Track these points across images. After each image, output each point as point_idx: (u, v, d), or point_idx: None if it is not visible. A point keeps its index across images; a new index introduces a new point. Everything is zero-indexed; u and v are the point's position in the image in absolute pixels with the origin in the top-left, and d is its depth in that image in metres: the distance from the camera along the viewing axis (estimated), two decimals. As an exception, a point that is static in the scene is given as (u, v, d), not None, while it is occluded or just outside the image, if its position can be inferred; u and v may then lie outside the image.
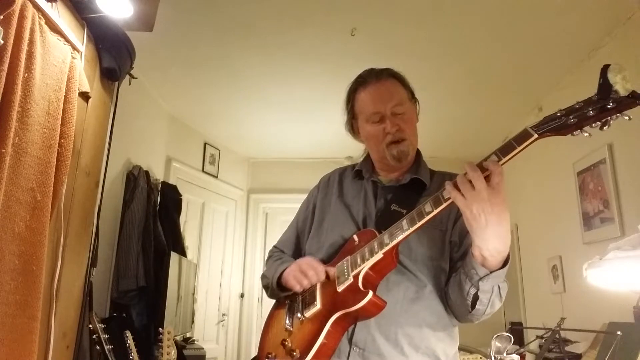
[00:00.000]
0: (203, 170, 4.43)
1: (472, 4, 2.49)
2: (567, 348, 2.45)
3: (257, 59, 3.09)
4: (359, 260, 1.14)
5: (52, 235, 1.56)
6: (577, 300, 2.92)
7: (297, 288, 1.23)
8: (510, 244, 1.01)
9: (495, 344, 1.37)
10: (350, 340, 1.16)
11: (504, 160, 0.96)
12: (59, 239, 1.61)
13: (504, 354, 1.36)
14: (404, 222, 1.09)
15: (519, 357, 1.38)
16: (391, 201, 1.28)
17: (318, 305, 1.17)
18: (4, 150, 1.24)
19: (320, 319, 1.15)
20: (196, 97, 3.71)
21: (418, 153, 1.38)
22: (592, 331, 2.24)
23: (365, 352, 1.15)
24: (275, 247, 1.53)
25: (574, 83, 3.06)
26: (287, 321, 1.25)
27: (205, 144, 4.48)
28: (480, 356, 2.31)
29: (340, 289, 1.15)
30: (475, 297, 1.07)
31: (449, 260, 1.23)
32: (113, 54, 1.90)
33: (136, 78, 2.30)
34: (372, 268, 1.13)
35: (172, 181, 3.83)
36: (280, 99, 3.67)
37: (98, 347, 1.86)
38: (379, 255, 1.11)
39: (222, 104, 3.81)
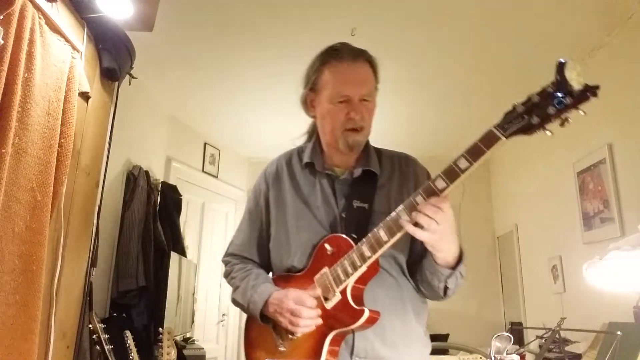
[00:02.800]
0: (203, 170, 4.42)
1: (472, 4, 2.49)
2: (567, 348, 2.45)
3: (257, 59, 3.09)
4: (341, 274, 1.11)
5: (52, 235, 1.56)
6: (577, 300, 2.92)
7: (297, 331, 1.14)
8: (459, 241, 1.09)
9: (495, 344, 1.38)
10: (351, 354, 1.15)
11: (475, 164, 1.00)
12: (59, 239, 1.61)
13: (504, 354, 1.37)
14: (382, 233, 1.06)
15: (519, 357, 1.39)
16: (351, 197, 1.25)
17: None
18: (4, 150, 1.24)
19: (315, 338, 1.12)
20: (196, 97, 3.71)
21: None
22: (592, 331, 2.24)
23: None
24: (232, 254, 1.40)
25: (574, 83, 3.06)
26: (279, 341, 1.19)
27: (205, 144, 4.48)
28: (480, 356, 2.31)
29: (329, 306, 1.12)
30: (446, 288, 1.16)
31: (410, 251, 1.24)
32: (113, 54, 1.90)
33: (136, 78, 2.30)
34: (356, 280, 1.12)
35: (172, 181, 3.82)
36: (280, 99, 3.67)
37: (98, 347, 1.86)
38: (362, 269, 1.10)
39: (222, 104, 3.81)
